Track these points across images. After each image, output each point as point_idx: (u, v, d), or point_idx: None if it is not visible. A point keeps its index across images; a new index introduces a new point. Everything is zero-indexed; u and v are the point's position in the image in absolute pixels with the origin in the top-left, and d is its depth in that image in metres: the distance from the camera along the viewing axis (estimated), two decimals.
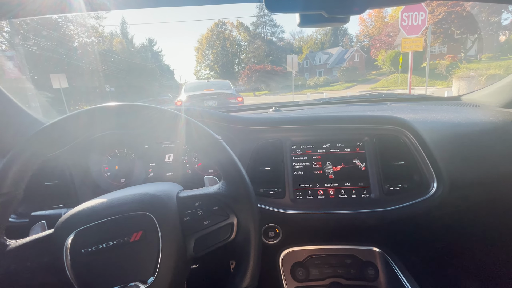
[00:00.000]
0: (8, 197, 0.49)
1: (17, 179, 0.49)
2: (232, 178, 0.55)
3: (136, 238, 0.46)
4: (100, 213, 0.48)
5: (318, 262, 1.03)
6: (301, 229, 0.98)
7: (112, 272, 0.45)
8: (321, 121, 0.95)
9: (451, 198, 0.88)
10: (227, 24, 54.88)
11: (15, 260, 0.47)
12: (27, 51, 17.21)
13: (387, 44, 29.45)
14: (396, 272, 0.96)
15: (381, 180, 0.89)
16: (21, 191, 0.51)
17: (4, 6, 0.70)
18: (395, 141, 0.92)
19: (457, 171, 0.88)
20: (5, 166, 0.49)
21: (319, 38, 55.10)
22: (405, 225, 0.96)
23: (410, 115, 0.97)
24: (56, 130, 0.52)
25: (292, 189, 0.91)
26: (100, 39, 32.15)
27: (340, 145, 0.93)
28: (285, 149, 0.93)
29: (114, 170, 0.98)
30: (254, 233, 0.53)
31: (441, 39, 22.93)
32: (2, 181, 0.48)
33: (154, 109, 0.56)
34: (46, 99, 5.21)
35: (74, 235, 0.46)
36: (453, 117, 1.00)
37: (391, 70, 23.72)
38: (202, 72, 59.27)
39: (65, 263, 0.44)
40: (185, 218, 0.51)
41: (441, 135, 0.92)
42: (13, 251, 0.48)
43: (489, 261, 1.07)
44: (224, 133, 0.95)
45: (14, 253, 0.48)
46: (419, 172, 0.89)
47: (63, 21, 24.11)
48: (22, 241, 0.50)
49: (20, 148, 0.50)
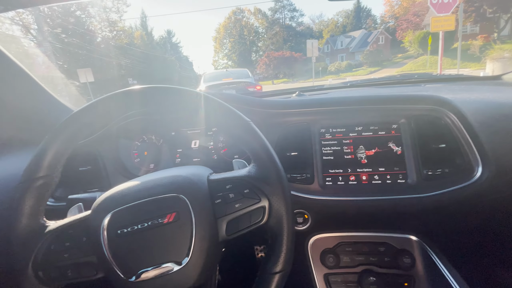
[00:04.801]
0: (46, 180, 0.50)
1: (53, 163, 0.51)
2: (263, 161, 0.53)
3: (170, 220, 0.46)
4: (134, 195, 0.49)
5: (349, 249, 1.00)
6: (330, 215, 0.95)
7: (147, 252, 0.45)
8: (352, 102, 0.89)
9: (497, 183, 0.80)
10: (244, 11, 54.04)
11: (55, 240, 0.49)
12: (54, 47, 18.11)
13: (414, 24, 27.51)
14: (434, 260, 0.90)
15: (419, 165, 0.83)
16: (58, 174, 0.53)
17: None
18: (435, 122, 0.85)
19: (505, 154, 0.80)
20: (41, 150, 0.50)
21: (341, 21, 52.75)
22: (445, 212, 0.90)
23: (449, 95, 0.89)
24: (86, 116, 0.53)
25: (321, 175, 0.87)
26: (121, 33, 33.03)
27: (374, 127, 0.87)
28: (314, 133, 0.89)
29: (143, 156, 1.00)
30: (287, 216, 0.51)
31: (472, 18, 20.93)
32: (39, 164, 0.50)
33: (184, 90, 0.55)
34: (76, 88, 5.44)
35: (111, 216, 0.46)
36: (497, 97, 0.91)
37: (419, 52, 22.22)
38: (220, 62, 59.40)
39: (102, 243, 0.45)
40: (217, 201, 0.50)
41: (486, 115, 0.84)
42: (53, 232, 0.50)
43: None
44: (249, 116, 0.93)
45: (54, 233, 0.50)
46: (462, 155, 0.82)
47: (86, 17, 25.01)
48: (61, 222, 0.51)
49: (54, 134, 0.51)
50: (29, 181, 0.49)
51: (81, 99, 1.46)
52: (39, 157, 0.50)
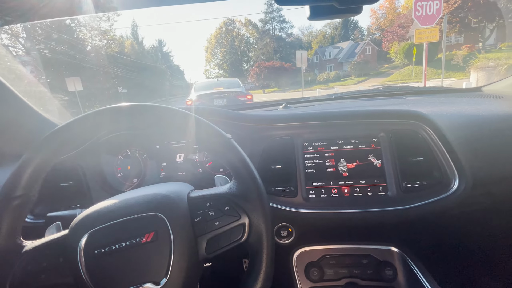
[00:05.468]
0: (22, 199, 0.49)
1: (31, 181, 0.50)
2: (243, 177, 0.53)
3: (148, 239, 0.46)
4: (112, 214, 0.48)
5: (333, 262, 1.00)
6: (314, 228, 0.95)
7: (125, 273, 0.45)
8: (334, 117, 0.92)
9: (474, 195, 0.83)
10: (235, 22, 54.90)
11: (31, 261, 0.48)
12: (42, 56, 17.82)
13: (400, 36, 28.55)
14: (415, 272, 0.92)
15: (399, 177, 0.85)
16: (36, 193, 0.52)
17: (17, 10, 0.71)
18: (412, 136, 0.88)
19: (481, 167, 0.83)
20: (19, 169, 0.49)
21: (329, 32, 54.19)
22: (425, 223, 0.92)
23: (427, 109, 0.93)
24: (68, 132, 0.52)
25: (304, 188, 0.89)
26: (112, 42, 32.87)
27: (354, 141, 0.90)
28: (297, 147, 0.91)
29: (126, 171, 0.99)
30: (267, 233, 0.51)
31: (457, 29, 21.95)
32: (16, 183, 0.49)
33: (164, 109, 0.55)
34: (61, 102, 5.39)
35: (88, 236, 0.46)
36: (475, 110, 0.95)
37: (404, 62, 23.00)
38: (212, 71, 59.72)
39: (79, 264, 0.44)
40: (197, 219, 0.51)
41: (462, 128, 0.87)
42: (30, 252, 0.49)
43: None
44: (234, 131, 0.94)
45: (30, 254, 0.48)
46: (439, 168, 0.85)
47: (76, 26, 24.82)
48: (38, 242, 0.50)
49: (33, 151, 0.50)
50: (5, 200, 0.48)
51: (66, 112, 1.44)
52: (17, 175, 0.49)
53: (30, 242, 0.51)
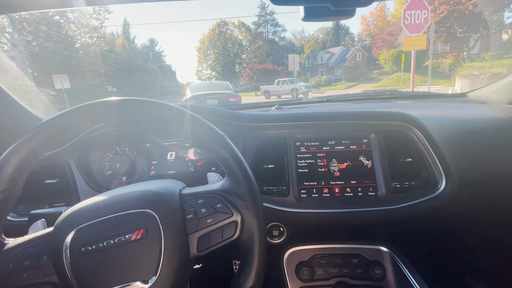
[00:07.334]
0: (5, 195, 0.47)
1: (14, 176, 0.48)
2: (236, 175, 0.53)
3: (138, 236, 0.44)
4: (101, 211, 0.47)
5: (324, 261, 1.01)
6: (305, 228, 0.96)
7: (113, 271, 0.43)
8: (326, 117, 0.93)
9: (460, 195, 0.86)
10: (228, 24, 54.89)
11: (13, 259, 0.46)
12: (29, 52, 17.30)
13: (389, 43, 29.29)
14: (404, 271, 0.94)
15: (388, 178, 0.87)
16: (19, 189, 0.50)
17: (4, 0, 0.69)
18: (402, 138, 0.90)
19: (466, 168, 0.86)
20: (1, 162, 0.47)
21: (321, 37, 54.97)
22: (413, 223, 0.94)
23: (416, 112, 0.95)
24: (55, 127, 0.50)
25: (296, 187, 0.89)
26: (102, 39, 32.26)
27: (346, 142, 0.91)
28: (289, 146, 0.92)
29: (115, 168, 0.97)
30: (259, 231, 0.51)
31: (443, 38, 22.76)
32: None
33: (159, 104, 0.54)
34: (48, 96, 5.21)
35: (74, 233, 0.44)
36: (460, 114, 0.98)
37: (393, 69, 23.55)
38: (204, 72, 59.35)
39: (64, 262, 0.43)
40: (188, 216, 0.50)
41: (448, 131, 0.90)
42: (11, 250, 0.47)
43: (498, 260, 1.05)
44: (227, 130, 0.94)
45: (12, 252, 0.46)
46: (427, 169, 0.87)
47: (65, 22, 24.25)
48: (21, 239, 0.48)
49: (18, 145, 0.48)
50: None
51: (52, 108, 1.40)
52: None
53: (13, 240, 0.49)
